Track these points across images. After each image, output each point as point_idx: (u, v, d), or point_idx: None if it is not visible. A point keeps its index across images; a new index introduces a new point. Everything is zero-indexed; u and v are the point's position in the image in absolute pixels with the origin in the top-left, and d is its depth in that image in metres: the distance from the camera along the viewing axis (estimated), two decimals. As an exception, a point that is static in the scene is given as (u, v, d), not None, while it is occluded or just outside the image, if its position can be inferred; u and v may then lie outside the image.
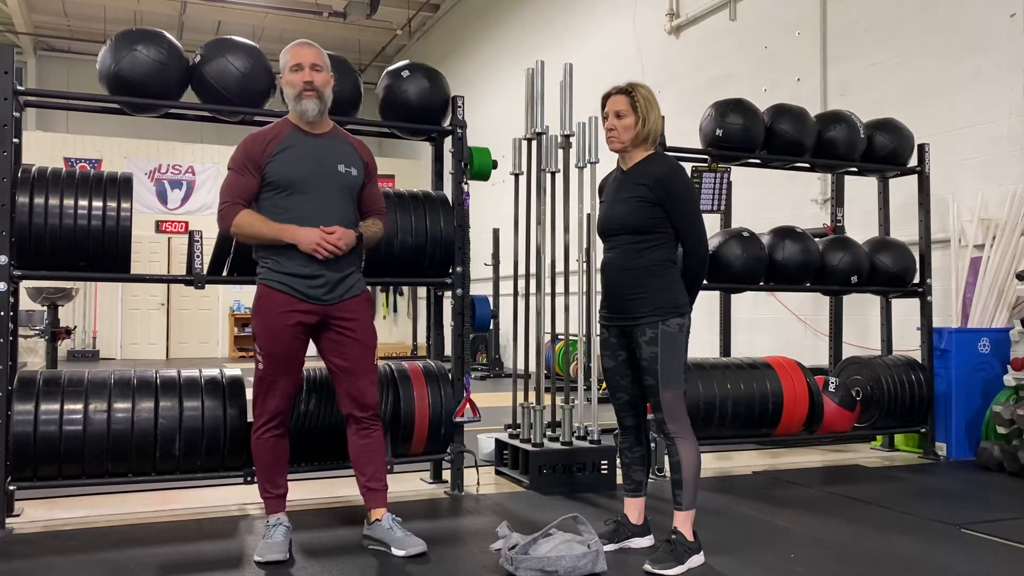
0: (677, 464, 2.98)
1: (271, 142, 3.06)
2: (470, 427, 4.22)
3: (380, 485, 3.22)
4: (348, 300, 3.13)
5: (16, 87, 3.51)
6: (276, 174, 3.03)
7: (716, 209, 4.89)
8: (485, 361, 12.05)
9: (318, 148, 3.11)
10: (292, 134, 3.10)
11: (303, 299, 3.03)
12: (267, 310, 3.04)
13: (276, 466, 3.16)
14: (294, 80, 3.06)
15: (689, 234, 3.05)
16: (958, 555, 3.13)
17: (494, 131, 8.76)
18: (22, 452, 3.36)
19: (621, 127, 3.06)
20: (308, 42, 3.17)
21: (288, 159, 3.05)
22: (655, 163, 3.08)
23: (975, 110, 5.81)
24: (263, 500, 3.19)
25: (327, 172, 3.10)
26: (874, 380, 5.09)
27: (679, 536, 2.95)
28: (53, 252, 3.47)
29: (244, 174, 3.05)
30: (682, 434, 2.99)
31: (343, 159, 3.15)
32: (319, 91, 3.09)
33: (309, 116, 3.09)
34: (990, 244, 5.49)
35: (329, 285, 3.07)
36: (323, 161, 3.10)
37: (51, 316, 8.38)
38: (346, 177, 3.14)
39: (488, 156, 4.33)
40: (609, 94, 3.12)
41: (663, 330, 2.97)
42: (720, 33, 8.41)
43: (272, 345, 3.04)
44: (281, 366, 3.06)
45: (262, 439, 3.11)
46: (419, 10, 15.05)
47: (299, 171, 3.05)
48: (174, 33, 10.99)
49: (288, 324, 3.03)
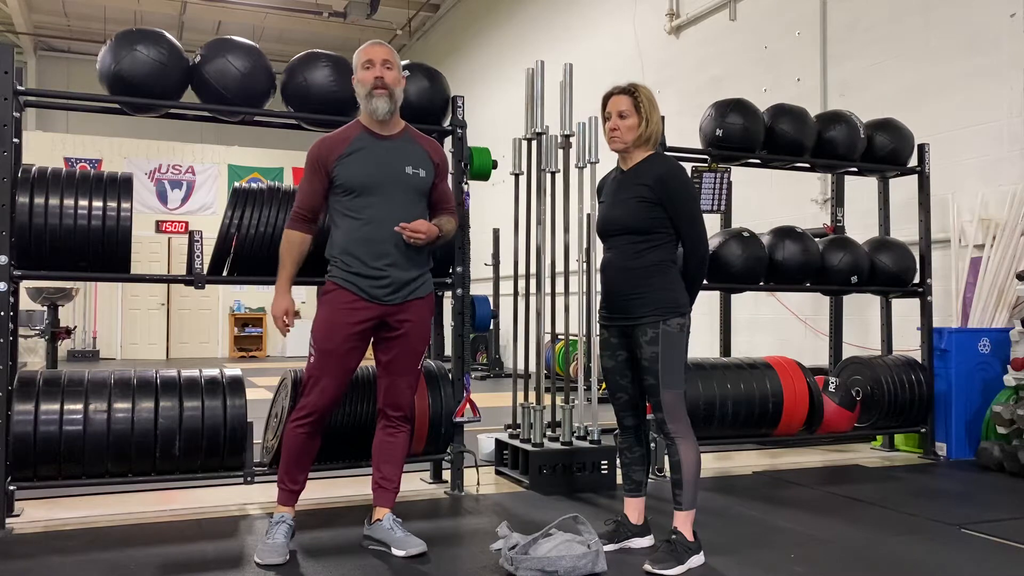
0: (677, 464, 2.98)
1: (340, 145, 3.09)
2: (470, 427, 4.22)
3: (391, 486, 3.25)
4: (412, 301, 3.15)
5: (16, 87, 3.51)
6: (344, 177, 3.06)
7: (716, 209, 4.89)
8: (485, 361, 12.05)
9: (387, 150, 3.12)
10: (362, 136, 3.12)
11: (367, 299, 3.05)
12: (331, 304, 3.07)
13: (299, 461, 3.14)
14: (365, 78, 3.08)
15: (690, 235, 3.04)
16: (958, 555, 3.13)
17: (494, 131, 8.75)
18: (22, 452, 3.36)
19: (624, 127, 3.05)
20: (379, 41, 3.20)
21: (356, 162, 3.07)
22: (656, 163, 3.08)
23: (975, 110, 5.81)
24: (277, 489, 3.18)
25: (395, 174, 3.10)
26: (874, 380, 5.09)
27: (679, 536, 2.95)
28: (53, 252, 3.47)
29: (313, 178, 3.10)
30: (682, 434, 2.99)
31: (411, 160, 3.15)
32: (390, 89, 3.10)
33: (380, 115, 3.10)
34: (990, 244, 5.50)
35: (394, 286, 3.08)
36: (391, 163, 3.11)
37: (51, 316, 8.39)
38: (414, 179, 3.14)
39: (488, 156, 4.34)
40: (611, 94, 3.11)
41: (664, 330, 2.96)
42: (720, 33, 8.41)
43: (327, 340, 3.05)
44: (330, 364, 3.05)
45: (294, 432, 3.11)
46: (419, 10, 15.05)
47: (367, 174, 3.07)
48: (174, 33, 10.99)
49: (348, 322, 3.04)
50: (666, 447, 3.03)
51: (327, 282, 3.12)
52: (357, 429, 3.78)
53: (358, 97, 3.14)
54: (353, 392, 3.79)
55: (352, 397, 3.79)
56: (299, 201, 3.13)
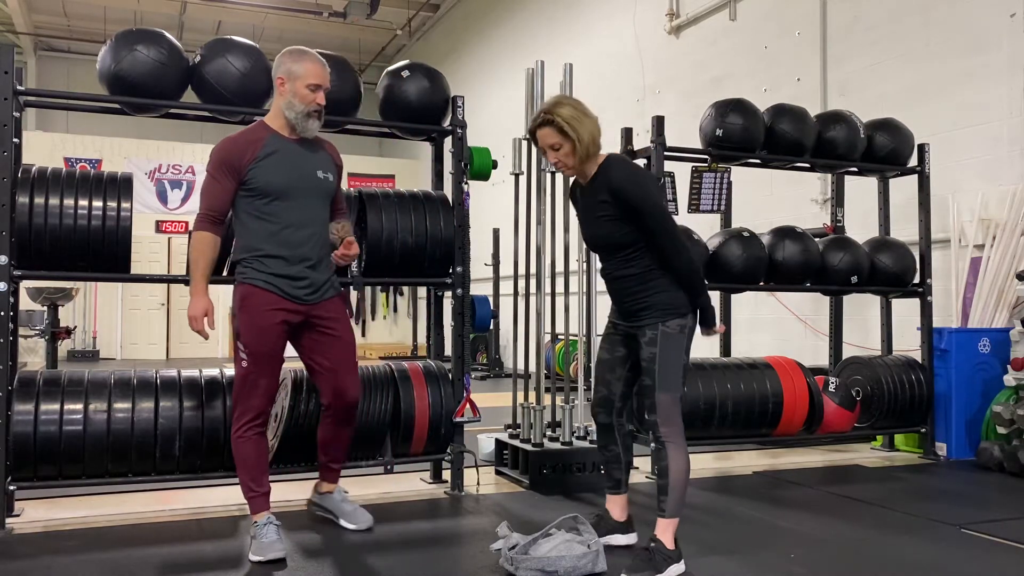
0: (665, 469, 2.89)
1: (253, 147, 3.10)
2: (470, 427, 4.22)
3: (338, 466, 3.52)
4: (328, 300, 3.26)
5: (16, 87, 3.51)
6: (260, 181, 3.09)
7: (716, 209, 4.89)
8: (485, 361, 12.05)
9: (299, 155, 3.19)
10: (274, 139, 3.16)
11: (288, 299, 3.13)
12: (254, 308, 3.11)
13: (260, 464, 3.20)
14: (309, 98, 3.14)
15: (663, 247, 2.91)
16: (958, 555, 3.13)
17: (494, 131, 8.75)
18: (22, 452, 3.36)
19: (562, 156, 2.97)
20: (323, 61, 3.25)
21: (271, 166, 3.11)
22: (608, 172, 2.96)
23: (975, 110, 5.81)
24: (248, 500, 3.18)
25: (308, 179, 3.19)
26: (874, 380, 5.09)
27: (658, 544, 2.84)
28: (53, 252, 3.47)
29: (221, 179, 3.10)
30: (673, 439, 2.91)
31: (321, 165, 3.25)
32: (322, 116, 3.22)
33: (311, 134, 3.21)
34: (990, 244, 5.49)
35: (313, 287, 3.19)
36: (304, 168, 3.19)
37: (51, 316, 8.39)
38: (324, 183, 3.25)
39: (488, 156, 4.33)
40: (534, 128, 3.02)
41: (663, 331, 2.93)
42: (720, 33, 8.41)
43: (258, 343, 3.10)
44: (265, 364, 3.13)
45: (245, 437, 3.14)
46: (419, 10, 15.05)
47: (284, 178, 3.12)
48: (174, 33, 10.98)
49: (274, 323, 3.11)
50: (654, 451, 2.94)
51: (244, 284, 3.14)
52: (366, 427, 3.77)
53: (287, 106, 3.15)
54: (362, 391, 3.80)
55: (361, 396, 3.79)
56: (208, 203, 3.12)
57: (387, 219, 3.94)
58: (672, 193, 4.71)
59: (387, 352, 14.56)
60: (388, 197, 4.01)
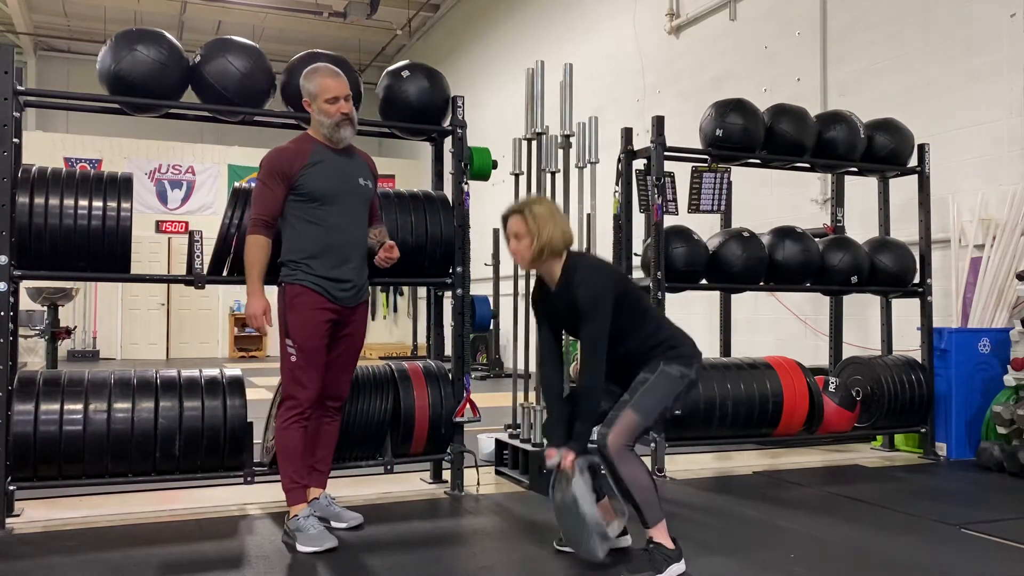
0: (627, 490, 2.85)
1: (302, 156, 3.29)
2: (470, 427, 4.22)
3: (325, 468, 3.55)
4: (361, 304, 3.44)
5: (16, 87, 3.51)
6: (310, 186, 3.27)
7: (716, 209, 4.89)
8: (485, 361, 12.05)
9: (343, 164, 3.39)
10: (319, 150, 3.35)
11: (333, 300, 3.30)
12: (306, 307, 3.27)
13: (304, 456, 3.33)
14: (332, 111, 3.31)
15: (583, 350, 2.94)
16: (958, 555, 3.13)
17: (494, 131, 8.75)
18: (22, 452, 3.36)
19: (521, 249, 3.04)
20: (335, 71, 3.38)
21: (320, 173, 3.30)
22: (571, 279, 2.99)
23: (975, 110, 5.81)
24: (287, 492, 3.26)
25: (352, 185, 3.39)
26: (874, 380, 5.09)
27: (657, 546, 2.85)
28: (53, 252, 3.47)
29: (273, 186, 3.26)
30: (620, 455, 2.83)
31: (361, 173, 3.45)
32: (353, 119, 3.38)
33: (346, 142, 3.38)
34: (990, 244, 5.49)
35: (355, 289, 3.38)
36: (348, 175, 3.39)
37: (51, 316, 8.38)
38: (364, 190, 3.44)
39: (488, 156, 4.34)
40: (507, 215, 3.09)
41: (663, 369, 2.93)
42: (720, 33, 8.41)
43: (308, 339, 3.26)
44: (315, 358, 3.28)
45: (292, 429, 3.27)
46: (419, 10, 15.05)
47: (330, 184, 3.31)
48: (174, 33, 10.96)
49: (322, 320, 3.28)
50: (609, 472, 2.88)
51: (294, 285, 3.29)
52: (367, 427, 3.79)
53: (318, 124, 3.34)
54: (362, 391, 3.83)
55: (361, 396, 3.82)
56: (261, 208, 3.28)
57: (387, 219, 3.94)
58: (672, 193, 4.71)
59: (387, 352, 14.56)
60: (388, 197, 4.02)
